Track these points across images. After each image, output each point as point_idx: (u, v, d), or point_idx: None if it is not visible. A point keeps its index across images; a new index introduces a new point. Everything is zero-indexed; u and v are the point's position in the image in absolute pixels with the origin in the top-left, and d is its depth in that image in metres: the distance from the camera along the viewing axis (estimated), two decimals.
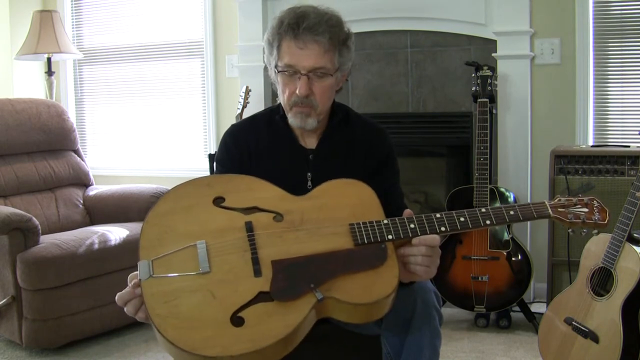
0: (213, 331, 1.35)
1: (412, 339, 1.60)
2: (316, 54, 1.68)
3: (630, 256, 2.28)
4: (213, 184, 1.58)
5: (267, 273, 1.44)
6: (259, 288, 1.41)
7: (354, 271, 1.45)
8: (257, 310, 1.38)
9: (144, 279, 1.41)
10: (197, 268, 1.43)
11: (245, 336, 1.34)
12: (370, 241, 1.50)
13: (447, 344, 3.02)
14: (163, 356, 2.93)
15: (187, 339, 1.33)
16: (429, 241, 1.53)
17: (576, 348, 2.37)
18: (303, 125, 1.75)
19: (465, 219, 1.56)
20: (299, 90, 1.70)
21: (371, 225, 1.52)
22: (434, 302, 1.63)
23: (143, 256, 1.45)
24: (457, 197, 3.26)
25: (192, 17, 4.36)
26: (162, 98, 4.51)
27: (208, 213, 1.52)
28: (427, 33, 3.66)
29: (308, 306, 1.39)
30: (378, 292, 1.43)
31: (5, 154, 3.52)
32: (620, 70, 3.40)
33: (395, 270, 1.47)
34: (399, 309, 1.60)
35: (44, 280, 2.91)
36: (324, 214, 1.54)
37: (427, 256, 1.53)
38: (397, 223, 1.53)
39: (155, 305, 1.38)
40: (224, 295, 1.39)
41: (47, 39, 4.15)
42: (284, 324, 1.36)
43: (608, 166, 2.99)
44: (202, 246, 1.46)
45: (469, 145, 3.55)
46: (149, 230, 1.49)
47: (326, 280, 1.43)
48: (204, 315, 1.37)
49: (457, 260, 3.21)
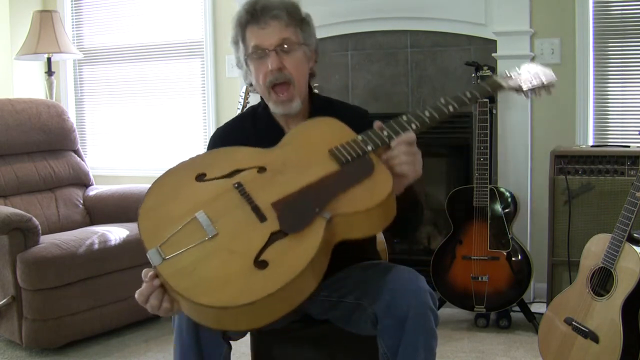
0: (243, 280, 1.37)
1: (407, 340, 1.60)
2: (278, 29, 1.75)
3: (630, 256, 2.29)
4: (190, 166, 1.61)
5: (271, 215, 1.47)
6: (269, 230, 1.44)
7: (350, 186, 1.51)
8: (275, 249, 1.41)
9: (158, 265, 1.41)
10: (204, 235, 1.44)
11: (275, 273, 1.37)
12: (353, 157, 1.56)
13: (447, 344, 3.02)
14: (163, 356, 2.93)
15: (221, 296, 1.34)
16: (405, 139, 1.58)
17: (576, 348, 2.37)
18: (288, 110, 1.80)
19: (429, 112, 1.65)
20: (270, 64, 1.75)
21: (349, 145, 1.58)
22: (429, 303, 1.63)
23: (149, 246, 1.45)
24: (457, 197, 3.26)
25: (192, 17, 4.36)
26: (162, 98, 4.51)
27: (195, 189, 1.55)
28: (427, 33, 3.66)
29: (321, 228, 1.43)
30: (380, 192, 1.49)
31: (5, 154, 3.52)
32: (620, 70, 3.40)
33: (386, 171, 1.54)
34: (393, 310, 1.60)
35: (44, 280, 2.91)
36: (302, 152, 1.61)
37: (409, 154, 1.57)
38: (371, 134, 1.59)
39: (179, 282, 1.38)
40: (239, 248, 1.42)
41: (47, 39, 4.15)
42: (305, 249, 1.40)
43: (608, 166, 2.99)
44: (202, 215, 1.48)
45: (469, 145, 3.55)
46: (145, 224, 1.50)
47: (328, 202, 1.48)
48: (229, 271, 1.38)
49: (457, 260, 3.21)
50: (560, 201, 3.05)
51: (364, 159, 1.55)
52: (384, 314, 1.62)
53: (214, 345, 1.64)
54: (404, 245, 3.92)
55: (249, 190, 1.53)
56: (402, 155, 1.56)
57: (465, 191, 3.23)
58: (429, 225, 3.93)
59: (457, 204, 3.25)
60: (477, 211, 3.16)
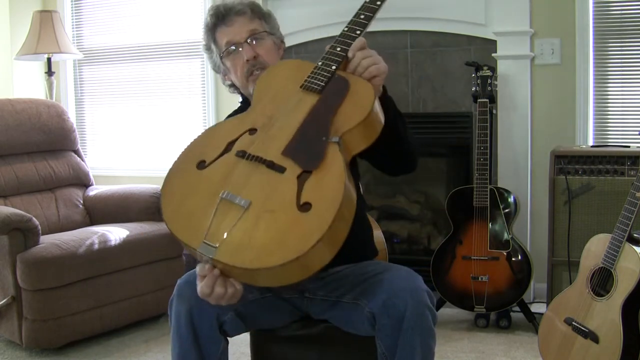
0: (298, 228, 1.39)
1: (405, 339, 1.61)
2: (245, 23, 1.86)
3: (630, 256, 2.29)
4: (186, 159, 1.61)
5: (287, 163, 1.50)
6: (293, 176, 1.47)
7: (338, 105, 1.56)
8: (309, 189, 1.44)
9: (214, 255, 1.41)
10: (240, 209, 1.44)
11: (322, 208, 1.40)
12: (325, 81, 1.61)
13: (447, 344, 3.02)
14: (163, 356, 2.93)
15: (287, 250, 1.37)
16: (358, 45, 1.65)
17: (576, 348, 2.37)
18: None
19: (362, 13, 1.81)
20: (246, 54, 1.83)
21: (314, 73, 1.64)
22: (427, 302, 1.63)
23: (194, 245, 1.43)
24: (457, 197, 3.26)
25: (192, 17, 4.36)
26: (162, 98, 4.51)
27: (204, 177, 1.55)
28: (427, 33, 3.66)
29: (337, 152, 1.48)
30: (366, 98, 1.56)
31: (5, 154, 3.52)
32: (620, 70, 3.40)
33: (360, 79, 1.61)
34: (391, 309, 1.61)
35: (44, 281, 2.91)
36: (279, 99, 1.65)
37: (368, 56, 1.64)
38: (327, 56, 1.66)
39: (242, 259, 1.39)
40: (277, 205, 1.44)
41: (47, 39, 4.15)
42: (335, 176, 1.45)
43: (608, 166, 2.99)
44: (226, 193, 1.48)
45: (469, 145, 3.55)
46: (176, 227, 1.48)
47: (328, 128, 1.53)
48: (281, 227, 1.40)
49: (457, 261, 3.21)
50: (560, 201, 3.05)
51: (336, 78, 1.61)
52: (381, 314, 1.62)
53: (211, 341, 1.65)
54: (404, 245, 3.92)
55: (253, 152, 1.54)
56: (362, 60, 1.62)
57: (465, 191, 3.23)
58: (429, 225, 3.93)
59: (457, 204, 3.25)
60: (477, 211, 3.16)
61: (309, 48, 3.83)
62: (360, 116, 1.53)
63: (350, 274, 1.80)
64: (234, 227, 1.42)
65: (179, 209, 1.50)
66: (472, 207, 3.17)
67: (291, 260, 1.35)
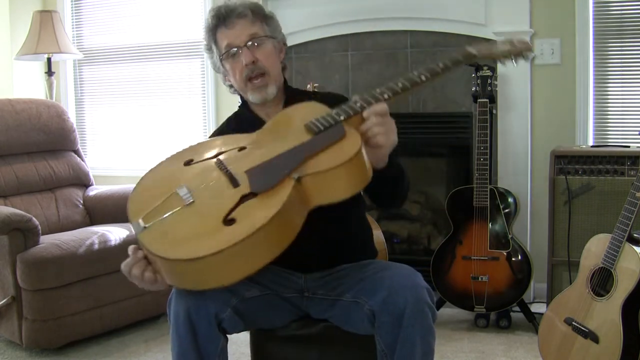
0: (211, 235, 1.44)
1: (404, 336, 1.61)
2: (245, 26, 1.85)
3: (630, 256, 2.29)
4: (180, 156, 1.74)
5: (244, 181, 1.55)
6: (240, 193, 1.52)
7: (320, 150, 1.56)
8: (244, 208, 1.49)
9: (139, 233, 1.51)
10: (182, 204, 1.54)
11: (240, 227, 1.44)
12: (326, 127, 1.61)
13: (447, 344, 3.02)
14: (163, 356, 2.93)
15: (190, 250, 1.43)
16: (377, 109, 1.61)
17: (576, 348, 2.37)
18: (265, 96, 1.87)
19: (402, 82, 1.66)
20: (245, 59, 1.83)
21: (323, 117, 1.63)
22: (426, 299, 1.63)
23: (131, 220, 1.55)
24: (457, 197, 3.26)
25: (192, 17, 4.36)
26: (162, 98, 4.51)
27: (182, 171, 1.66)
28: (427, 33, 3.66)
29: (289, 187, 1.49)
30: (346, 152, 1.52)
31: (5, 154, 3.52)
32: (620, 70, 3.40)
33: (356, 134, 1.57)
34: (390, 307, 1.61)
35: (44, 281, 2.91)
36: (280, 130, 1.68)
37: (380, 124, 1.60)
38: (344, 106, 1.64)
39: (158, 245, 1.47)
40: (211, 211, 1.50)
41: (47, 39, 4.15)
42: (270, 205, 1.46)
43: (608, 166, 2.99)
44: (182, 188, 1.57)
45: (469, 146, 3.55)
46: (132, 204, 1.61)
47: (298, 164, 1.53)
48: (200, 229, 1.48)
49: (457, 261, 3.21)
50: (560, 201, 3.05)
51: (336, 127, 1.60)
52: (381, 311, 1.63)
53: (210, 340, 1.65)
54: (404, 245, 3.92)
55: (226, 161, 1.62)
56: (374, 126, 1.60)
57: (465, 191, 3.23)
58: (429, 225, 3.93)
59: (457, 204, 3.25)
60: (477, 211, 3.16)
61: (309, 48, 3.83)
62: (327, 166, 1.52)
63: (350, 272, 1.80)
64: (166, 216, 1.51)
65: (143, 190, 1.63)
66: (472, 207, 3.17)
67: (186, 259, 1.42)
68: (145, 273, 1.55)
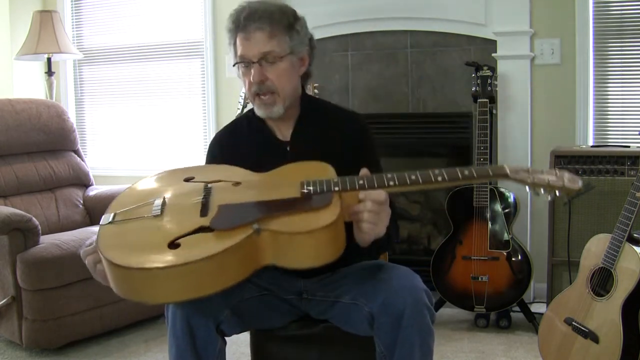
0: (149, 251, 1.44)
1: (403, 338, 1.61)
2: (261, 41, 1.75)
3: (630, 256, 2.29)
4: (187, 170, 1.74)
5: (212, 213, 1.52)
6: (200, 223, 1.50)
7: (295, 211, 1.49)
8: (194, 238, 1.47)
9: (104, 224, 1.55)
10: (150, 212, 1.56)
11: (177, 254, 1.42)
12: (316, 191, 1.54)
13: (447, 344, 3.02)
14: (163, 356, 2.93)
15: (124, 257, 1.43)
16: (374, 196, 1.53)
17: (576, 348, 2.37)
18: (269, 114, 1.82)
19: (416, 176, 1.56)
20: (253, 77, 1.77)
21: (320, 181, 1.56)
22: (425, 300, 1.63)
23: (108, 211, 1.60)
24: (457, 197, 3.26)
25: (192, 17, 4.36)
26: (162, 98, 4.51)
27: (176, 185, 1.68)
28: (427, 33, 3.66)
29: (244, 234, 1.43)
30: (316, 222, 1.45)
31: (5, 154, 3.52)
32: (620, 70, 3.40)
33: (336, 209, 1.49)
34: (389, 308, 1.61)
35: (44, 281, 2.91)
36: (280, 179, 1.65)
37: (373, 212, 1.53)
38: (346, 178, 1.56)
39: (106, 240, 1.50)
40: (167, 228, 1.50)
41: (47, 39, 4.15)
42: (216, 244, 1.42)
43: (608, 166, 2.99)
44: (160, 199, 1.59)
45: (469, 145, 3.55)
46: (121, 197, 1.67)
47: (267, 217, 1.48)
48: (145, 242, 1.48)
49: (457, 261, 3.21)
50: (560, 201, 3.05)
51: (326, 195, 1.52)
52: (380, 313, 1.63)
53: (208, 342, 1.65)
54: (404, 245, 3.92)
55: (212, 192, 1.61)
56: (366, 212, 1.53)
57: (465, 191, 3.23)
58: (429, 225, 3.93)
59: (457, 204, 3.25)
60: (477, 211, 3.16)
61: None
62: (290, 229, 1.45)
63: (349, 274, 1.80)
64: (130, 219, 1.55)
65: (133, 190, 1.69)
66: (472, 207, 3.16)
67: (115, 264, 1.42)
68: (97, 265, 1.56)
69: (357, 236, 1.59)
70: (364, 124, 1.92)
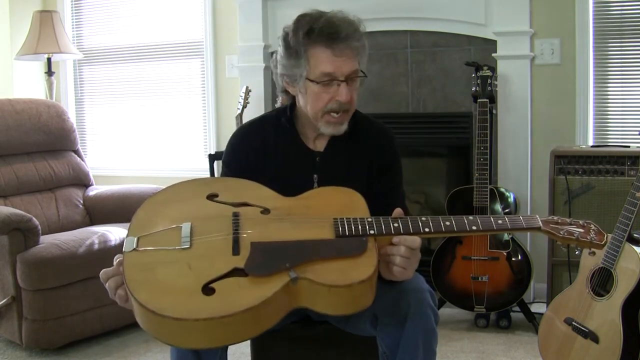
0: (183, 297, 1.39)
1: (406, 339, 1.61)
2: (352, 60, 1.71)
3: (630, 256, 2.28)
4: (210, 183, 1.67)
5: (244, 252, 1.48)
6: (234, 264, 1.45)
7: (331, 257, 1.48)
8: (229, 283, 1.42)
9: (127, 252, 1.48)
10: (178, 244, 1.49)
11: (213, 303, 1.38)
12: (352, 234, 1.52)
13: (447, 344, 3.02)
14: (163, 356, 2.93)
15: (156, 301, 1.38)
16: (409, 242, 1.53)
17: (576, 348, 2.37)
18: (337, 132, 1.77)
19: (450, 222, 1.55)
20: (343, 97, 1.70)
21: (354, 220, 1.54)
22: (429, 301, 1.63)
23: (131, 234, 1.52)
24: (457, 197, 3.26)
25: (192, 17, 4.35)
26: (162, 98, 4.51)
27: (200, 205, 1.60)
28: (427, 33, 3.66)
29: (280, 283, 1.41)
30: (353, 276, 1.44)
31: (5, 154, 3.52)
32: (620, 70, 3.40)
33: (373, 260, 1.48)
34: (393, 309, 1.61)
35: (44, 281, 2.91)
36: (311, 211, 1.59)
37: (405, 257, 1.53)
38: (381, 221, 1.55)
39: (133, 273, 1.44)
40: (199, 268, 1.44)
41: (47, 39, 4.15)
42: (254, 296, 1.38)
43: (608, 166, 2.99)
44: (187, 225, 1.53)
45: (469, 146, 3.55)
46: (141, 213, 1.57)
47: (303, 262, 1.45)
48: (177, 283, 1.42)
49: (457, 261, 3.21)
50: (560, 201, 3.05)
51: (361, 240, 1.51)
52: (384, 313, 1.62)
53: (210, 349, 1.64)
54: None
55: (241, 222, 1.55)
56: (398, 256, 1.53)
57: (466, 191, 3.23)
58: None
59: (457, 204, 3.25)
60: (477, 211, 3.16)
61: None
62: (328, 281, 1.43)
63: None
64: (158, 250, 1.47)
65: (159, 204, 1.60)
66: (472, 207, 3.16)
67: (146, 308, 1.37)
68: (118, 290, 1.51)
69: (384, 275, 1.58)
70: (396, 143, 1.89)
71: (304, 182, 1.77)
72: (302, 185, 1.72)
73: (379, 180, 1.78)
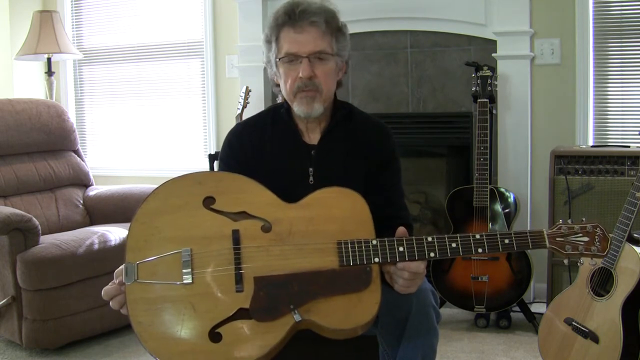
0: (190, 346, 1.41)
1: (408, 338, 1.61)
2: (315, 37, 1.72)
3: (630, 256, 2.28)
4: (204, 182, 1.58)
5: (248, 289, 1.47)
6: (239, 304, 1.46)
7: (335, 294, 1.47)
8: (235, 327, 1.43)
9: (129, 283, 1.47)
10: (180, 277, 1.47)
11: (220, 354, 1.40)
12: (356, 263, 1.50)
13: (447, 344, 3.02)
14: None
15: (165, 351, 1.40)
16: (413, 268, 1.53)
17: (576, 348, 2.37)
18: (309, 111, 1.74)
19: (457, 244, 1.54)
20: (302, 72, 1.71)
21: (359, 246, 1.51)
22: (431, 301, 1.63)
23: (129, 258, 1.49)
24: (457, 197, 3.26)
25: (192, 17, 4.36)
26: (162, 98, 4.51)
27: (196, 216, 1.53)
28: (427, 33, 3.66)
29: (285, 327, 1.44)
30: (357, 319, 1.47)
31: (5, 154, 3.52)
32: (620, 70, 3.40)
33: (377, 296, 1.49)
34: (395, 308, 1.61)
35: (44, 281, 2.91)
36: (313, 227, 1.54)
37: (408, 280, 1.54)
38: (386, 245, 1.52)
39: (137, 311, 1.44)
40: (204, 309, 1.44)
41: (47, 39, 4.15)
42: (260, 345, 1.42)
43: (608, 166, 2.99)
44: (187, 254, 1.49)
45: (469, 146, 3.55)
46: (137, 230, 1.52)
47: (306, 302, 1.46)
48: (184, 329, 1.42)
49: (457, 261, 3.20)
50: (560, 201, 3.05)
51: (365, 271, 1.50)
52: (385, 312, 1.62)
53: None
54: None
55: (242, 250, 1.51)
56: (401, 279, 1.54)
57: (466, 191, 3.23)
58: (429, 225, 3.93)
59: (457, 204, 3.25)
60: (477, 211, 3.16)
61: None
62: (333, 325, 1.47)
63: None
64: (160, 284, 1.46)
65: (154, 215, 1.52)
66: (472, 207, 3.16)
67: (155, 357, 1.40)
68: (123, 309, 1.52)
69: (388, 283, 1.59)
70: (393, 140, 1.88)
71: (299, 175, 1.77)
72: (298, 179, 1.72)
73: (376, 178, 1.78)
